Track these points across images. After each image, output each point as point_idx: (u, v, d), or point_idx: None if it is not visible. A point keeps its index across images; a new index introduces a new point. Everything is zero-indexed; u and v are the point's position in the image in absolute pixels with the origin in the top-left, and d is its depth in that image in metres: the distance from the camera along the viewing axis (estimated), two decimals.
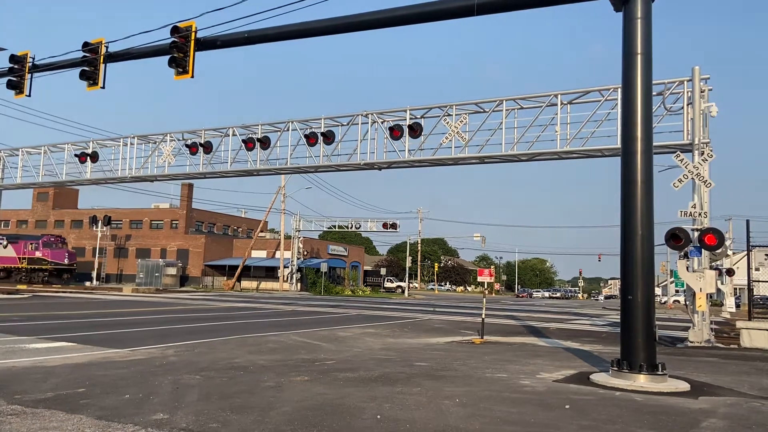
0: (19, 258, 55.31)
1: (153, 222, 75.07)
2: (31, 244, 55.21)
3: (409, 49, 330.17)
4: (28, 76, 17.92)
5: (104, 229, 61.12)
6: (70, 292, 42.83)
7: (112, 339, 14.86)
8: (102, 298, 36.14)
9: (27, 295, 36.62)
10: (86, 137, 35.61)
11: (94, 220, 62.96)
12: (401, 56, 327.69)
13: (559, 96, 21.09)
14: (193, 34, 15.26)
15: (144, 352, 12.66)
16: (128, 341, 14.34)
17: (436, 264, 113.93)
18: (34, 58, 18.02)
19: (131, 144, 30.42)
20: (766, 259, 19.69)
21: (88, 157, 30.90)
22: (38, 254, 54.47)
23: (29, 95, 18.01)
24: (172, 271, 59.27)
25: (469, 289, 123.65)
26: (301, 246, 66.10)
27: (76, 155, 31.39)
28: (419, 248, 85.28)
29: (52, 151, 32.84)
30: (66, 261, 55.40)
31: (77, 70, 16.83)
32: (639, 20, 10.84)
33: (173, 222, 73.68)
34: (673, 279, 59.22)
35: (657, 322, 12.65)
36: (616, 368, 10.51)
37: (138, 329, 17.79)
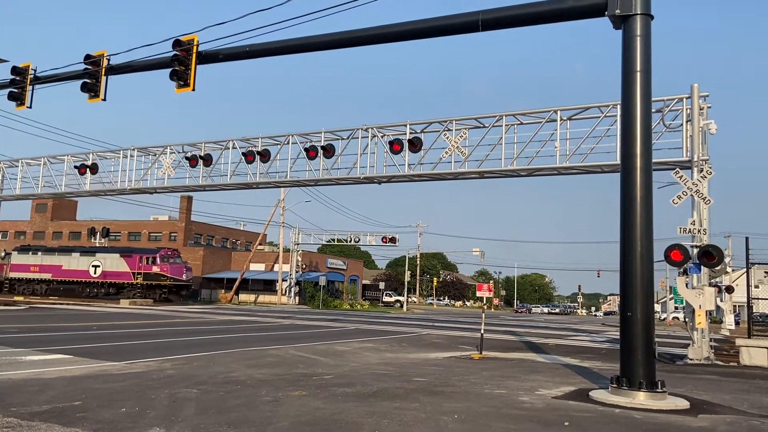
0: (133, 273, 50.87)
1: (151, 234, 75.09)
2: (147, 257, 51.11)
3: (411, 63, 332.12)
4: (29, 87, 17.97)
5: (102, 240, 60.86)
6: (67, 304, 42.67)
7: (108, 351, 14.78)
8: (99, 311, 36.01)
9: (24, 307, 36.48)
10: (86, 149, 35.69)
11: (92, 232, 62.80)
12: (403, 71, 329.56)
13: (559, 112, 21.19)
14: (194, 47, 15.35)
15: (141, 365, 12.59)
16: (125, 354, 14.26)
17: (435, 278, 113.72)
18: (35, 70, 18.10)
19: (131, 156, 30.49)
20: (765, 276, 19.65)
21: (88, 169, 30.96)
22: (155, 269, 50.37)
23: (30, 107, 18.06)
24: None
25: (468, 304, 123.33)
26: (299, 259, 65.99)
27: (75, 167, 31.45)
28: (418, 262, 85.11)
29: (51, 163, 32.91)
30: (184, 277, 51.25)
31: (78, 82, 16.91)
32: (638, 38, 10.91)
33: (172, 234, 73.68)
34: (672, 295, 59.16)
35: (656, 339, 12.62)
36: (615, 385, 10.46)
37: (135, 342, 17.70)
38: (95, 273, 52.75)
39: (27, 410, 7.78)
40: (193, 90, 15.37)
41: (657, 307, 61.69)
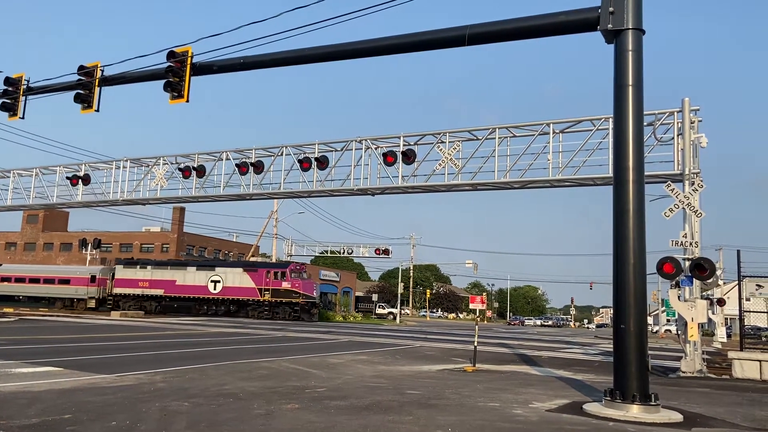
0: (259, 289, 48.05)
1: (143, 245, 74.75)
2: (275, 272, 48.19)
3: (405, 76, 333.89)
4: (22, 98, 17.91)
5: (94, 252, 60.47)
6: (56, 316, 42.31)
7: (99, 364, 14.64)
8: (89, 323, 35.71)
9: (13, 319, 36.15)
10: (78, 160, 35.54)
11: (83, 243, 62.40)
12: (396, 82, 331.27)
13: (551, 125, 21.33)
14: (189, 59, 15.36)
15: (132, 377, 12.48)
16: (116, 366, 14.13)
17: (428, 290, 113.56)
18: (29, 81, 18.04)
19: (124, 167, 30.39)
20: (757, 290, 19.74)
21: (80, 180, 30.81)
22: (286, 285, 47.18)
23: (23, 117, 17.98)
24: None
25: (461, 316, 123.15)
26: None
27: (67, 178, 31.30)
28: (411, 274, 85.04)
29: (43, 174, 32.75)
30: (315, 293, 48.66)
31: (72, 93, 16.87)
32: (630, 53, 11.01)
33: (164, 245, 73.39)
34: (664, 308, 59.33)
35: (649, 352, 12.62)
36: (609, 398, 10.45)
37: (126, 354, 17.55)
38: (215, 289, 49.45)
39: (16, 423, 7.69)
40: (187, 101, 15.37)
41: (649, 320, 61.82)
